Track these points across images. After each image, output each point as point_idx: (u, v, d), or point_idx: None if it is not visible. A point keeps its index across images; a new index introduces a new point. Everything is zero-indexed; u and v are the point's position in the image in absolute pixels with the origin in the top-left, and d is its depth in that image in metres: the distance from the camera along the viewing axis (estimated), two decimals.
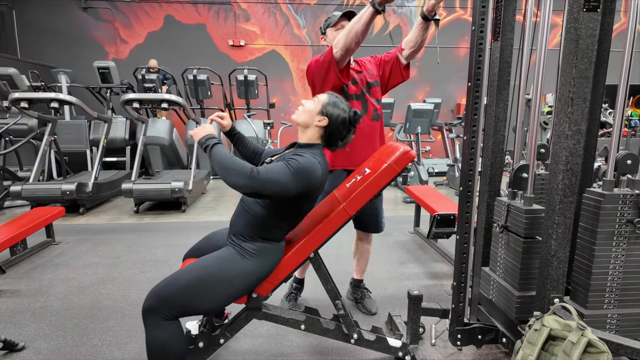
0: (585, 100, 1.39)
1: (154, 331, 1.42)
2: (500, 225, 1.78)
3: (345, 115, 1.59)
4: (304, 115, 1.60)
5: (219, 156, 1.45)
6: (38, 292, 2.61)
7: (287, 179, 1.42)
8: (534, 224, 1.66)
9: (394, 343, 1.83)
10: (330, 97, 1.61)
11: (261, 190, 1.41)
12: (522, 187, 1.76)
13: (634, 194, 1.45)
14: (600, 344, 1.29)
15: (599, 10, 1.34)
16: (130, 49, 8.35)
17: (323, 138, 1.61)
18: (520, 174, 1.77)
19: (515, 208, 1.72)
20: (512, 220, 1.74)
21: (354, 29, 1.79)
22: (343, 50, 1.82)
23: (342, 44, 1.81)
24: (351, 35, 1.79)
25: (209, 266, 1.49)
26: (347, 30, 1.81)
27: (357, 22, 1.79)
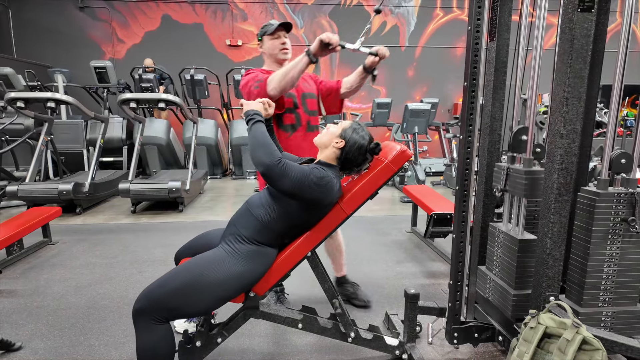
0: (580, 100, 1.41)
1: (144, 333, 1.41)
2: (500, 189, 1.75)
3: (363, 142, 1.63)
4: (326, 136, 1.66)
5: (258, 132, 1.54)
6: (35, 292, 2.61)
7: (304, 182, 1.49)
8: (533, 185, 1.64)
9: (391, 342, 1.83)
10: (353, 124, 1.67)
11: (278, 177, 1.46)
12: (521, 150, 1.74)
13: (628, 192, 1.47)
14: (595, 342, 1.30)
15: (594, 11, 1.35)
16: (127, 49, 8.33)
17: (339, 160, 1.65)
18: (520, 137, 1.74)
19: (515, 171, 1.70)
20: (512, 184, 1.71)
21: (290, 74, 1.86)
22: (277, 91, 1.90)
23: (277, 86, 1.88)
24: (287, 79, 1.87)
25: (199, 268, 1.48)
26: (283, 73, 1.87)
27: (292, 68, 1.86)
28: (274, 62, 2.14)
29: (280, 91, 1.89)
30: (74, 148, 5.80)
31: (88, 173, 4.85)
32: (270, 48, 2.11)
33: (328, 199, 1.57)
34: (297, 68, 1.86)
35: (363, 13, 8.85)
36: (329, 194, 1.56)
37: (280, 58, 2.12)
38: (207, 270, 1.48)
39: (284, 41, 2.11)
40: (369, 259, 3.21)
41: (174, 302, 1.42)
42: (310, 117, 2.18)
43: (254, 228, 1.57)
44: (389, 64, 9.03)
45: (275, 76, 1.89)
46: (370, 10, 8.85)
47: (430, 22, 9.03)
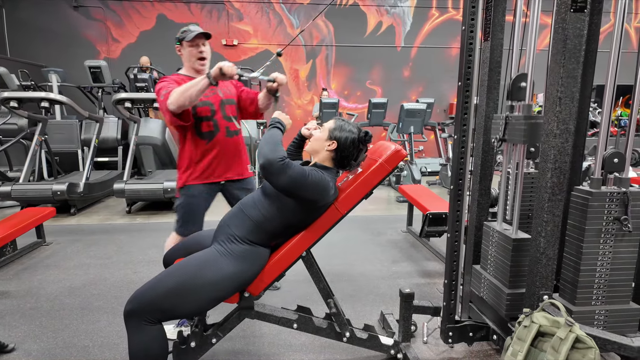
0: (573, 100, 1.41)
1: (136, 334, 1.40)
2: (498, 139, 1.73)
3: (353, 136, 1.64)
4: (315, 143, 1.67)
5: (272, 133, 1.62)
6: (28, 293, 2.59)
7: (303, 181, 1.50)
8: (532, 131, 1.61)
9: (386, 341, 1.84)
10: (337, 122, 1.67)
11: (278, 173, 1.48)
12: (520, 98, 1.71)
13: (621, 191, 1.47)
14: (588, 340, 1.31)
15: (586, 11, 1.36)
16: (122, 48, 8.28)
17: (335, 161, 1.66)
18: (519, 84, 1.71)
19: (514, 118, 1.67)
20: (511, 131, 1.68)
21: (189, 92, 1.85)
22: (175, 107, 1.88)
23: (175, 102, 1.86)
24: (185, 96, 1.85)
25: (192, 269, 1.47)
26: (182, 91, 1.85)
27: (192, 87, 1.85)
28: (191, 69, 2.11)
29: (177, 107, 1.87)
30: (69, 148, 5.76)
31: (82, 173, 4.82)
32: (187, 55, 2.07)
33: (323, 200, 1.58)
34: (196, 87, 1.85)
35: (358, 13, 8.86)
36: (324, 196, 1.56)
37: (197, 67, 2.09)
38: (200, 270, 1.47)
39: (202, 50, 2.07)
40: (364, 259, 3.21)
41: (166, 303, 1.42)
42: (229, 123, 2.16)
43: (246, 228, 1.57)
44: (386, 64, 9.05)
45: (175, 92, 1.87)
46: (366, 9, 8.86)
47: (426, 22, 9.05)
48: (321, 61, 8.97)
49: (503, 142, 1.73)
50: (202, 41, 2.07)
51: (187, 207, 2.13)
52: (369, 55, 8.95)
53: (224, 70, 1.83)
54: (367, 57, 8.96)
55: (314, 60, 8.95)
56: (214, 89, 2.06)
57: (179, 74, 2.13)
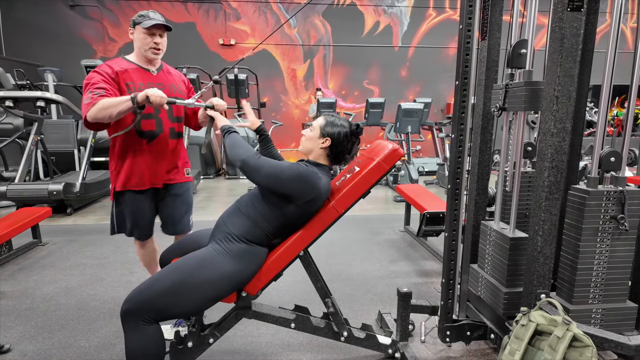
0: (570, 99, 1.42)
1: (132, 334, 1.40)
2: (498, 108, 1.72)
3: (345, 129, 1.64)
4: (308, 142, 1.66)
5: (234, 137, 1.63)
6: (24, 293, 2.57)
7: (281, 176, 1.49)
8: (533, 97, 1.60)
9: (384, 340, 1.84)
10: (327, 118, 1.66)
11: (254, 170, 1.51)
12: (520, 65, 1.70)
13: (617, 190, 1.48)
14: (585, 338, 1.31)
15: (583, 10, 1.36)
16: (118, 48, 8.25)
17: (329, 157, 1.66)
18: (519, 50, 1.69)
19: (514, 85, 1.66)
20: (511, 99, 1.68)
21: (109, 111, 1.73)
22: (90, 119, 1.75)
23: (93, 114, 1.74)
24: (105, 114, 1.73)
25: (189, 268, 1.46)
26: (103, 107, 1.72)
27: (115, 106, 1.73)
28: (140, 56, 1.94)
29: (92, 119, 1.75)
30: (65, 148, 5.73)
31: (79, 173, 4.80)
32: (140, 42, 1.90)
33: (310, 194, 1.53)
34: (117, 108, 1.73)
35: (356, 12, 8.86)
36: (311, 190, 1.52)
37: (149, 57, 1.92)
38: (197, 270, 1.46)
39: (157, 41, 1.91)
40: (362, 258, 3.21)
41: (163, 303, 1.41)
42: (175, 123, 2.01)
43: (244, 227, 1.56)
44: (383, 63, 9.06)
45: (98, 105, 1.73)
46: (363, 9, 8.86)
47: (423, 22, 9.07)
48: (319, 61, 8.97)
49: (503, 111, 1.71)
50: (160, 32, 1.92)
51: (129, 214, 1.99)
52: (366, 55, 8.96)
53: (151, 99, 1.70)
54: (364, 57, 8.96)
55: (312, 60, 8.95)
56: (162, 82, 1.95)
57: (125, 60, 1.94)
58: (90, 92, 1.77)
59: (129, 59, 1.96)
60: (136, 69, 1.93)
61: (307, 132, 1.67)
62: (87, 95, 1.77)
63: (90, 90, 1.78)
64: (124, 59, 1.96)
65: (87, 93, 1.78)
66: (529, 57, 1.67)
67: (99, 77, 1.83)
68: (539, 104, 1.59)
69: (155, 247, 2.19)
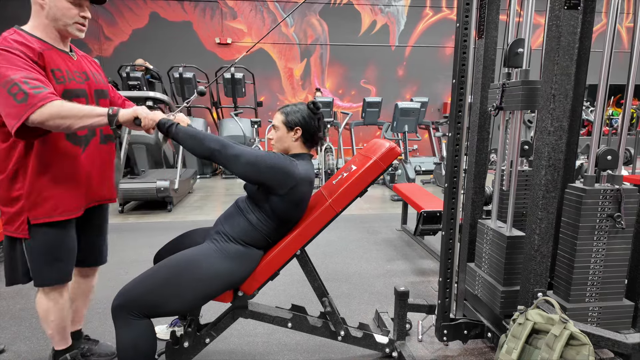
0: (567, 97, 1.42)
1: (124, 329, 1.39)
2: (495, 107, 1.71)
3: (304, 111, 1.62)
4: (280, 142, 1.64)
5: (189, 130, 1.49)
6: (18, 294, 2.55)
7: (260, 162, 1.46)
8: (530, 96, 1.60)
9: (381, 339, 1.83)
10: (283, 110, 1.64)
11: (232, 159, 1.45)
12: (517, 64, 1.69)
13: (614, 189, 1.48)
14: (582, 337, 1.31)
15: (580, 9, 1.36)
16: (114, 46, 8.21)
17: (306, 144, 1.64)
18: (516, 49, 1.69)
19: (511, 84, 1.66)
20: (508, 98, 1.67)
21: (68, 122, 1.31)
22: (40, 124, 1.29)
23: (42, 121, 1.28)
24: (59, 123, 1.30)
25: (182, 265, 1.45)
26: (61, 114, 1.29)
27: (78, 118, 1.32)
28: (52, 28, 1.42)
29: (43, 127, 1.30)
30: None
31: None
32: (61, 12, 1.39)
33: (289, 183, 1.49)
34: (83, 122, 1.33)
35: (353, 11, 8.85)
36: (287, 178, 1.49)
37: (70, 32, 1.44)
38: (190, 267, 1.45)
39: (85, 15, 1.45)
40: (359, 258, 3.21)
41: (154, 298, 1.40)
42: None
43: (241, 228, 1.55)
44: (380, 63, 9.06)
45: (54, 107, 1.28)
46: (360, 8, 8.86)
47: (420, 22, 9.08)
48: (315, 60, 8.96)
49: (500, 110, 1.71)
50: (88, 4, 1.45)
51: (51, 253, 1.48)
52: (363, 54, 8.96)
53: (143, 122, 1.40)
54: (361, 56, 8.96)
55: (308, 59, 8.94)
56: (85, 70, 1.53)
57: (29, 35, 1.38)
58: (21, 84, 1.25)
59: (34, 33, 1.40)
60: (54, 50, 1.43)
61: (272, 135, 1.65)
62: (17, 88, 1.25)
63: (18, 81, 1.26)
64: (27, 32, 1.39)
65: (12, 85, 1.25)
66: (525, 56, 1.67)
67: (19, 60, 1.29)
68: (535, 103, 1.59)
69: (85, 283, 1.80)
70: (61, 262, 1.51)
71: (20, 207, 1.41)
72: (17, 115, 1.27)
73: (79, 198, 1.50)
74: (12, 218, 1.43)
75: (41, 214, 1.42)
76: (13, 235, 1.45)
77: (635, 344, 1.43)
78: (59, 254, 1.49)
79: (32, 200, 1.41)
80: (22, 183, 1.40)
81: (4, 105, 1.29)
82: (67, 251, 1.52)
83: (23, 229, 1.43)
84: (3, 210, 1.45)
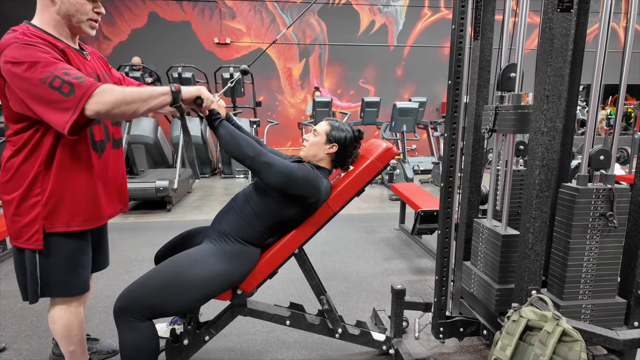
0: (560, 98, 1.44)
1: (126, 332, 1.40)
2: (488, 130, 1.75)
3: (350, 134, 1.66)
4: (313, 148, 1.66)
5: (231, 130, 1.50)
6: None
7: (292, 176, 1.48)
8: (522, 121, 1.63)
9: (378, 337, 1.85)
10: (332, 123, 1.67)
11: (266, 168, 1.47)
12: (509, 88, 1.73)
13: (607, 188, 1.50)
14: (575, 333, 1.33)
15: (573, 11, 1.39)
16: (113, 46, 8.22)
17: (333, 162, 1.68)
18: (508, 74, 1.72)
19: (504, 108, 1.69)
20: (500, 122, 1.70)
21: (136, 107, 1.25)
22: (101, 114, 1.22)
23: (109, 109, 1.21)
24: (128, 110, 1.24)
25: (182, 266, 1.47)
26: (125, 99, 1.23)
27: (142, 101, 1.27)
28: (63, 25, 1.33)
29: (104, 116, 1.26)
30: None
31: None
32: (75, 7, 1.30)
33: (314, 197, 1.57)
34: (149, 104, 1.28)
35: (351, 11, 8.87)
36: (315, 192, 1.56)
37: (82, 29, 1.36)
38: (190, 268, 1.47)
39: (100, 11, 1.38)
40: (357, 257, 3.23)
41: (156, 300, 1.42)
42: (114, 127, 1.52)
43: (237, 225, 1.57)
44: (379, 63, 9.08)
45: (114, 94, 1.21)
46: (359, 8, 8.87)
47: (419, 22, 9.10)
48: (314, 60, 8.97)
49: (493, 132, 1.75)
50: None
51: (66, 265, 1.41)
52: (362, 54, 8.98)
53: (205, 103, 1.41)
54: (360, 56, 8.98)
55: (307, 59, 8.96)
56: (96, 71, 1.44)
57: (42, 31, 1.29)
58: (63, 76, 1.16)
59: (47, 30, 1.31)
60: (71, 49, 1.35)
61: (310, 138, 1.67)
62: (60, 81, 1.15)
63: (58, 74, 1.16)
64: (41, 29, 1.29)
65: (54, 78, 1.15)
66: (517, 81, 1.70)
67: (48, 53, 1.20)
68: (527, 127, 1.63)
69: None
70: (84, 269, 1.47)
71: (30, 216, 1.33)
72: (68, 110, 1.17)
73: (99, 207, 1.45)
74: (25, 229, 1.34)
75: (58, 222, 1.35)
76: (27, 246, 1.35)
77: (627, 340, 1.45)
78: (66, 267, 1.41)
79: (45, 208, 1.33)
80: (41, 189, 1.32)
81: (48, 102, 1.17)
82: (77, 262, 1.44)
83: (26, 240, 1.34)
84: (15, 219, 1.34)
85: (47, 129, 1.29)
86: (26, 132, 1.30)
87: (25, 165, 1.31)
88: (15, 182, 1.32)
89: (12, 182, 1.33)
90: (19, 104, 1.24)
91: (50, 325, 1.51)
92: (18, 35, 1.21)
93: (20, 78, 1.17)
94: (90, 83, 1.19)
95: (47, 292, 1.42)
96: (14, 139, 1.32)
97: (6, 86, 1.24)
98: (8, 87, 1.23)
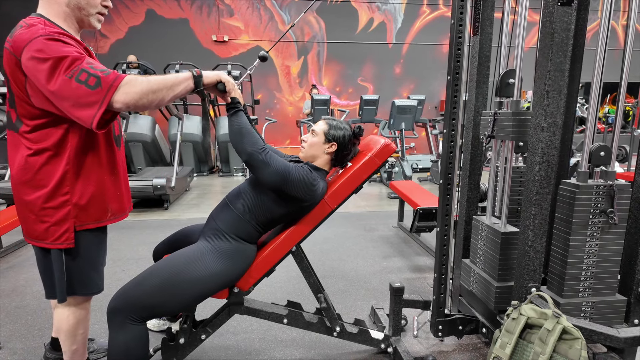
0: (561, 93, 1.42)
1: (118, 332, 1.38)
2: (487, 136, 1.73)
3: (348, 132, 1.65)
4: (312, 148, 1.65)
5: (241, 121, 1.49)
6: (13, 291, 2.54)
7: (288, 176, 1.47)
8: (520, 128, 1.62)
9: (377, 335, 1.84)
10: (329, 122, 1.66)
11: (262, 166, 1.45)
12: (508, 94, 1.72)
13: (607, 184, 1.49)
14: (575, 331, 1.32)
15: (573, 5, 1.37)
16: (110, 44, 8.18)
17: (332, 161, 1.67)
18: (507, 80, 1.72)
19: (503, 114, 1.68)
20: (499, 128, 1.69)
21: (162, 95, 1.25)
22: (129, 106, 1.20)
23: (137, 100, 1.20)
24: (155, 99, 1.24)
25: (178, 266, 1.45)
26: (154, 88, 1.23)
27: (170, 88, 1.27)
28: (72, 18, 1.30)
29: (133, 107, 1.22)
30: None
31: None
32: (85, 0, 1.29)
33: (310, 199, 1.55)
34: (174, 91, 1.28)
35: (350, 9, 8.84)
36: (311, 195, 1.54)
37: (90, 23, 1.33)
38: (186, 267, 1.45)
39: (108, 4, 1.35)
40: (356, 254, 3.22)
41: (152, 300, 1.40)
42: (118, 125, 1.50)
43: (231, 222, 1.55)
44: (377, 60, 9.06)
45: (140, 84, 1.20)
46: (357, 6, 8.85)
47: (417, 19, 9.08)
48: (313, 58, 8.95)
49: (492, 138, 1.74)
50: None
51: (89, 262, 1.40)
52: (360, 52, 8.96)
53: (228, 87, 1.41)
54: (358, 54, 8.96)
55: (306, 57, 8.93)
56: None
57: (56, 25, 1.25)
58: (89, 70, 1.15)
59: (57, 24, 1.27)
60: (83, 45, 1.32)
61: (309, 138, 1.65)
62: (86, 74, 1.14)
63: (84, 67, 1.15)
64: (54, 24, 1.25)
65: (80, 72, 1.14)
66: (516, 87, 1.69)
67: (71, 46, 1.18)
68: (526, 133, 1.62)
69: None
70: (103, 266, 1.49)
71: (59, 215, 1.29)
72: (95, 104, 1.15)
73: (122, 200, 1.46)
74: (52, 228, 1.29)
75: (89, 219, 1.34)
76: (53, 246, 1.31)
77: (627, 338, 1.44)
78: (88, 265, 1.40)
79: (71, 206, 1.29)
80: (70, 187, 1.29)
81: (75, 97, 1.14)
82: (98, 259, 1.45)
83: (55, 240, 1.30)
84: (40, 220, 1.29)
85: (72, 125, 1.25)
86: (48, 129, 1.25)
87: (50, 164, 1.27)
88: (38, 181, 1.27)
89: (34, 182, 1.27)
90: (42, 100, 1.21)
91: (57, 324, 1.48)
92: (40, 29, 1.17)
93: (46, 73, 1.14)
94: (115, 75, 1.17)
95: (70, 291, 1.38)
96: (32, 136, 1.26)
97: (27, 82, 1.20)
98: (29, 83, 1.19)
